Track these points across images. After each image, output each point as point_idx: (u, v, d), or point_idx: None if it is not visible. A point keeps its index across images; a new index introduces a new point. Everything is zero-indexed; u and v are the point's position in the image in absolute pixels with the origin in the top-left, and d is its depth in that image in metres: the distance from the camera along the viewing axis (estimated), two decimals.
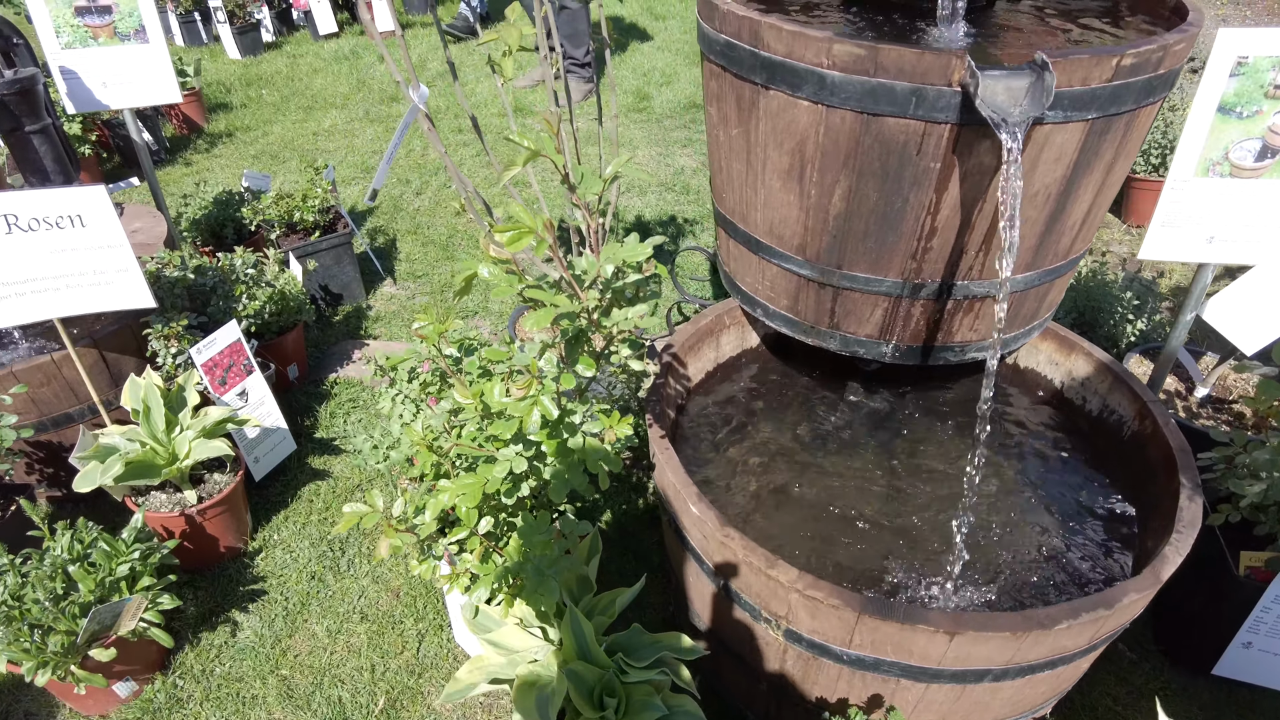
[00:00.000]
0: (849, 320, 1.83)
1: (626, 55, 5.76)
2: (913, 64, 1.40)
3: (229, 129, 4.98)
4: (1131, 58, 1.42)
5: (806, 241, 1.75)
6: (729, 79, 1.70)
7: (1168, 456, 1.67)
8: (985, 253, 1.65)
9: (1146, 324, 2.43)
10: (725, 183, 1.91)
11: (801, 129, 1.59)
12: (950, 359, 1.87)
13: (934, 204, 1.56)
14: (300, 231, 3.06)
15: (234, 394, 2.24)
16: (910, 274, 1.69)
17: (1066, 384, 2.03)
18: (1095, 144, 1.53)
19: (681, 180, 4.17)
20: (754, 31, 1.55)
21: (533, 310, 0.98)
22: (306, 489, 2.41)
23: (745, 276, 2.00)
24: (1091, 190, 1.64)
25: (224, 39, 6.35)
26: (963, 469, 1.92)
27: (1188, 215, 1.64)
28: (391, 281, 3.36)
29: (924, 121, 1.46)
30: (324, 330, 3.07)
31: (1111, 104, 1.47)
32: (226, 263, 2.36)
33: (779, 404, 2.08)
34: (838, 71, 1.47)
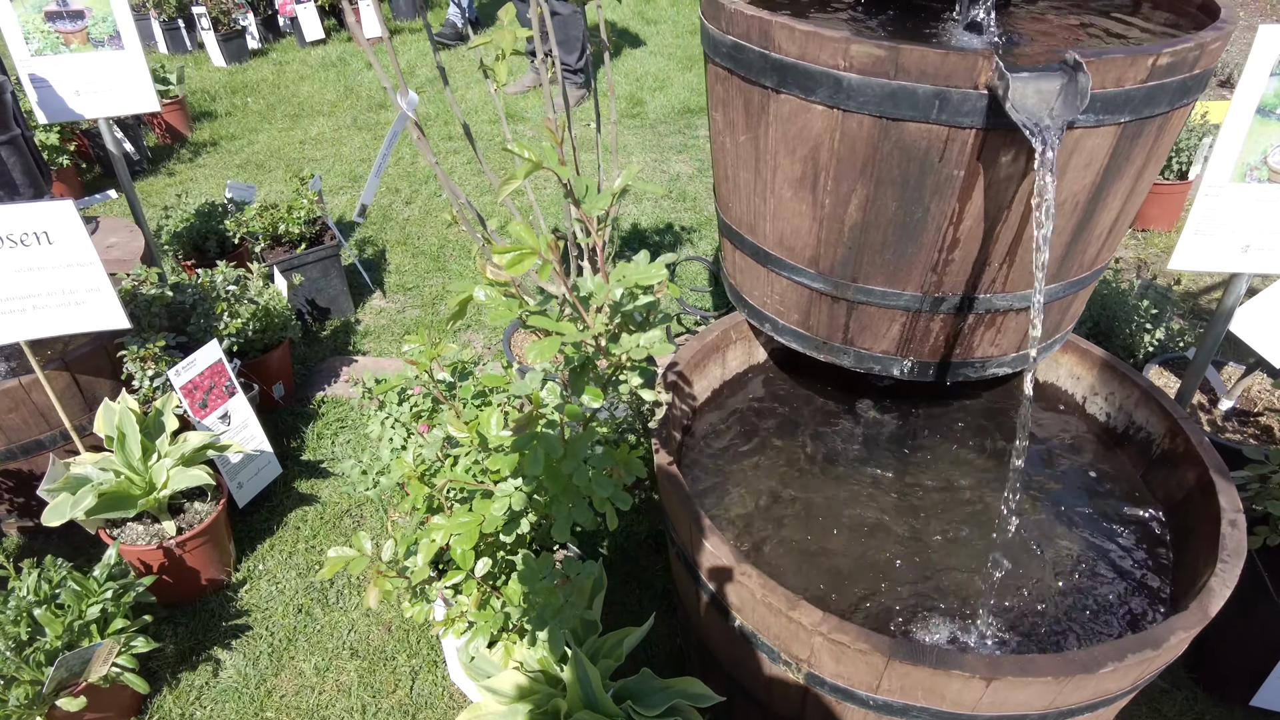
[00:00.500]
0: (864, 336, 1.74)
1: (619, 61, 5.68)
2: (936, 65, 1.31)
3: (213, 138, 4.87)
4: (1168, 57, 1.33)
5: (820, 254, 1.65)
6: (736, 83, 1.60)
7: (1203, 477, 1.58)
8: (1009, 264, 1.56)
9: (1165, 333, 2.34)
10: (731, 192, 1.82)
11: (815, 135, 1.50)
12: (970, 375, 1.78)
13: (957, 214, 1.47)
14: (286, 244, 2.95)
15: (215, 417, 2.13)
16: (930, 287, 1.60)
17: (1089, 399, 1.94)
18: (1127, 149, 1.45)
19: (678, 187, 4.08)
20: (764, 32, 1.46)
21: (536, 340, 0.88)
22: (293, 515, 2.30)
23: (753, 290, 1.90)
24: (1120, 198, 1.55)
25: (209, 46, 6.23)
26: (985, 489, 1.83)
27: (1222, 223, 1.55)
28: (381, 294, 3.26)
29: (947, 126, 1.37)
30: (311, 346, 2.96)
31: (1145, 106, 1.38)
32: (207, 279, 2.25)
33: (789, 423, 1.99)
34: (855, 74, 1.37)
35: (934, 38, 1.64)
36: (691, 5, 6.85)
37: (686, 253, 3.51)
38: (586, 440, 1.10)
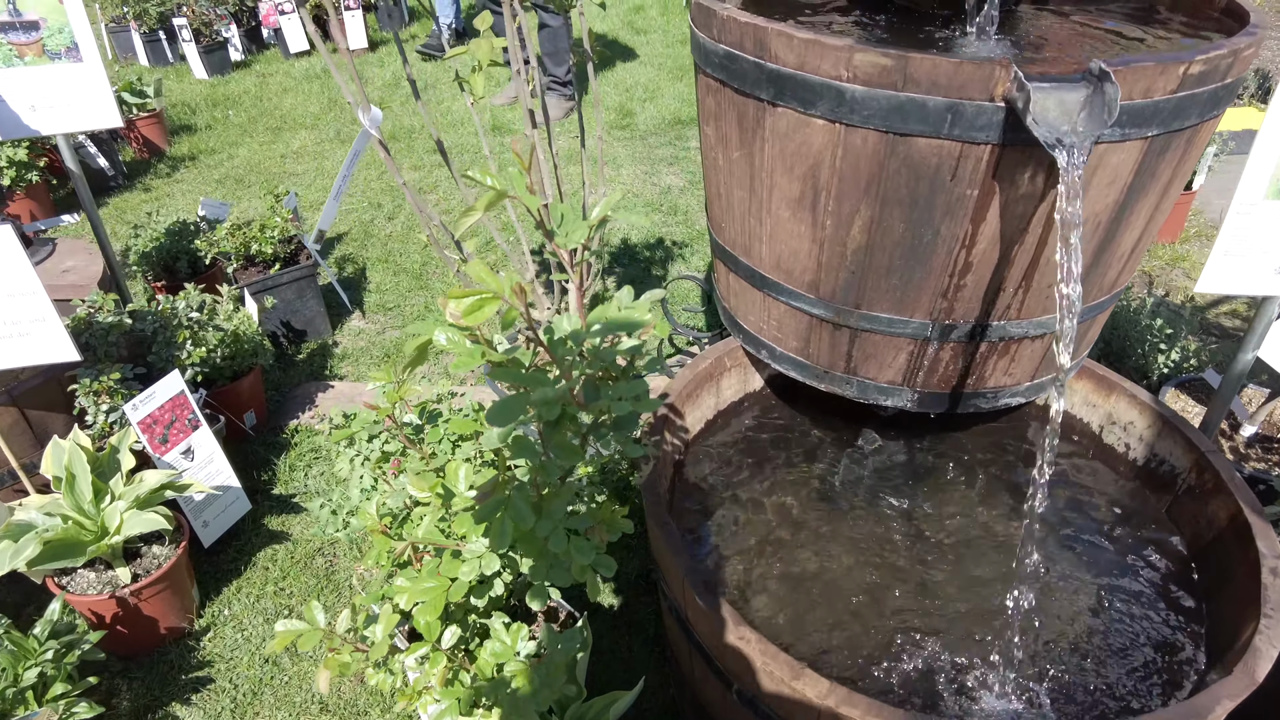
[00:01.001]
0: (868, 365, 1.62)
1: (608, 71, 5.57)
2: (949, 75, 1.19)
3: (192, 152, 4.74)
4: (1200, 65, 1.22)
5: (820, 278, 1.53)
6: (729, 95, 1.49)
7: (1237, 518, 1.47)
8: (1025, 289, 1.44)
9: (1179, 353, 2.23)
10: (724, 211, 1.70)
11: (815, 151, 1.38)
12: (982, 406, 1.66)
13: (969, 236, 1.36)
14: (259, 264, 2.82)
15: (177, 453, 1.99)
16: (940, 314, 1.48)
17: (1106, 428, 1.83)
18: (1153, 164, 1.33)
19: (669, 200, 3.96)
20: (759, 40, 1.34)
21: (504, 397, 0.76)
22: (262, 554, 2.16)
23: (748, 315, 1.78)
24: (1144, 217, 1.44)
25: (190, 58, 6.10)
26: (998, 526, 1.70)
27: (1255, 243, 1.44)
28: (360, 314, 3.13)
29: (961, 142, 1.25)
30: (286, 370, 2.83)
31: (1175, 118, 1.27)
32: (168, 306, 2.12)
33: (788, 456, 1.86)
34: (859, 85, 1.26)
35: (941, 45, 1.53)
36: (682, 15, 6.76)
37: (678, 270, 3.39)
38: (564, 499, 0.98)
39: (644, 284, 3.28)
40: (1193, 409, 2.12)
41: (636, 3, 7.05)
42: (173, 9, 6.22)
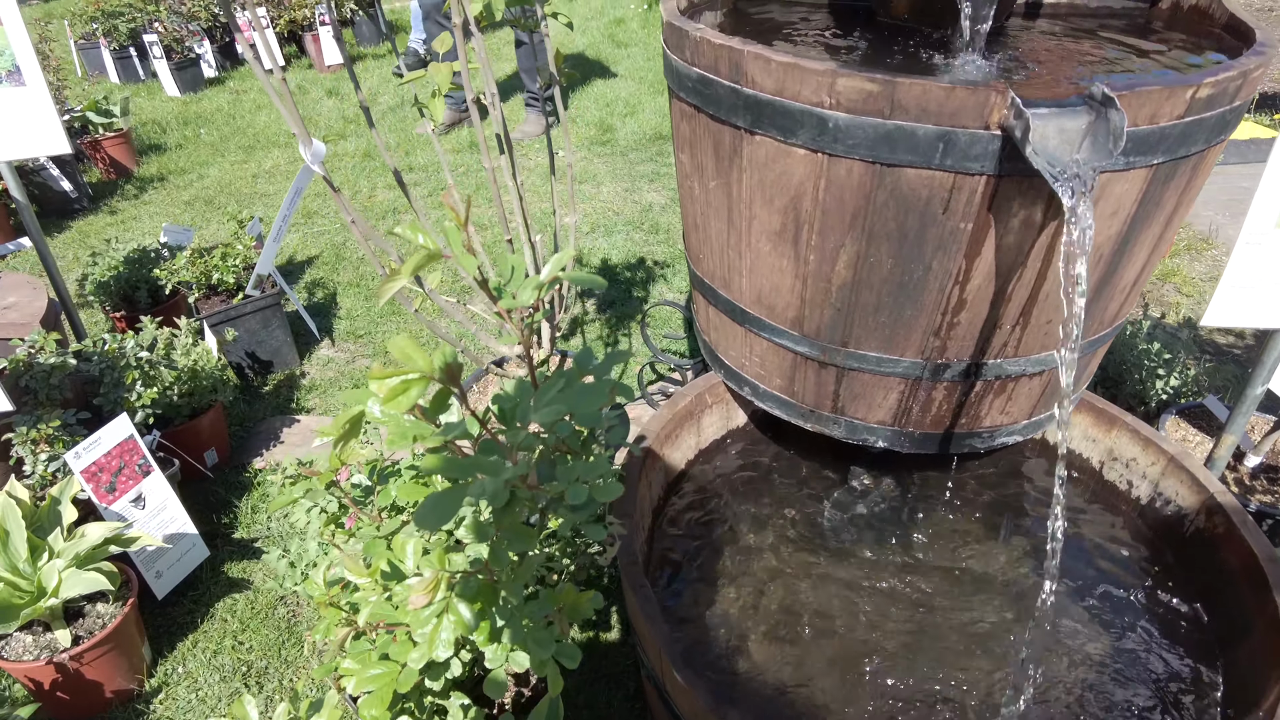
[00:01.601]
0: (856, 405, 1.52)
1: (588, 85, 5.48)
2: (940, 102, 1.10)
3: (161, 172, 4.61)
4: (1209, 88, 1.14)
5: (804, 315, 1.44)
6: (704, 121, 1.39)
7: (1252, 567, 1.37)
8: (1023, 326, 1.35)
9: (1179, 379, 2.15)
10: (701, 242, 1.60)
11: (796, 182, 1.28)
12: (978, 446, 1.57)
13: (963, 271, 1.26)
14: (222, 293, 2.71)
15: (126, 501, 1.87)
16: (932, 353, 1.38)
17: (1107, 464, 1.74)
18: (1157, 193, 1.24)
19: (650, 218, 3.87)
20: (735, 64, 1.25)
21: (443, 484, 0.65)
22: (221, 605, 2.04)
23: (729, 350, 1.68)
24: (1148, 247, 1.35)
25: (161, 75, 5.98)
26: (995, 570, 1.61)
27: (1265, 275, 1.35)
28: (329, 343, 3.01)
29: (953, 173, 1.16)
30: (251, 403, 2.71)
31: (1181, 145, 1.18)
32: (114, 345, 2.00)
33: (773, 497, 1.76)
34: (843, 112, 1.16)
35: (930, 66, 1.44)
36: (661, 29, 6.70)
37: (660, 291, 3.29)
38: (521, 580, 0.87)
39: (624, 306, 3.18)
40: (1195, 438, 2.04)
41: (617, 15, 6.98)
42: (143, 25, 6.10)
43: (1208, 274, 3.41)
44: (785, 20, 1.70)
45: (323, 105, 5.50)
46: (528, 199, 4.06)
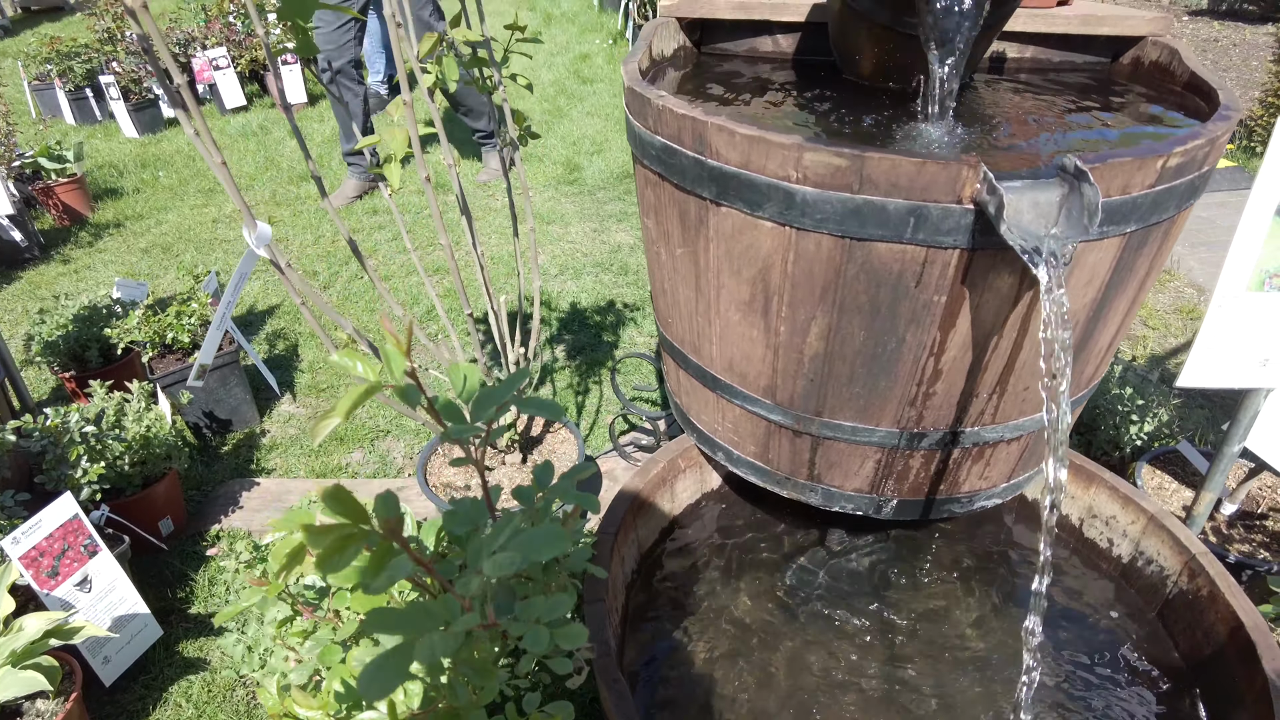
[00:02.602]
0: (833, 473, 1.48)
1: (554, 123, 5.47)
2: (911, 176, 1.07)
3: (118, 218, 4.50)
4: (1179, 157, 1.12)
5: (776, 384, 1.40)
6: (669, 190, 1.35)
7: (1238, 635, 1.34)
8: (1000, 394, 1.32)
9: (1152, 424, 2.14)
10: (670, 307, 1.56)
11: (765, 254, 1.25)
12: (957, 511, 1.53)
13: (938, 343, 1.23)
14: (178, 351, 2.61)
15: (70, 585, 1.77)
16: (908, 423, 1.35)
17: (1087, 521, 1.71)
18: (1131, 260, 1.22)
19: (618, 259, 3.83)
20: (699, 135, 1.21)
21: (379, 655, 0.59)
22: (175, 688, 1.93)
23: (701, 414, 1.64)
24: (1122, 310, 1.33)
25: (119, 116, 5.87)
26: (976, 631, 1.57)
27: (1238, 336, 1.34)
28: (290, 398, 2.92)
29: (925, 247, 1.13)
30: (209, 465, 2.61)
31: (1153, 213, 1.16)
32: (57, 420, 1.90)
33: (751, 562, 1.71)
34: (811, 187, 1.13)
35: (896, 129, 1.41)
36: None
37: (630, 335, 3.25)
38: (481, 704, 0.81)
39: (594, 351, 3.13)
40: (1170, 486, 2.02)
41: (583, 51, 7.00)
42: (100, 66, 6.00)
43: (1171, 305, 3.44)
44: (750, 77, 1.68)
45: (285, 146, 5.43)
46: (491, 240, 4.01)
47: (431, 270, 3.74)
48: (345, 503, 0.57)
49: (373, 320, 3.37)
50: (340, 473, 2.60)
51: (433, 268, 3.77)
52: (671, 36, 1.71)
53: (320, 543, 0.56)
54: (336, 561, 0.56)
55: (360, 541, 0.57)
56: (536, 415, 0.64)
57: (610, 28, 7.61)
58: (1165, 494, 2.01)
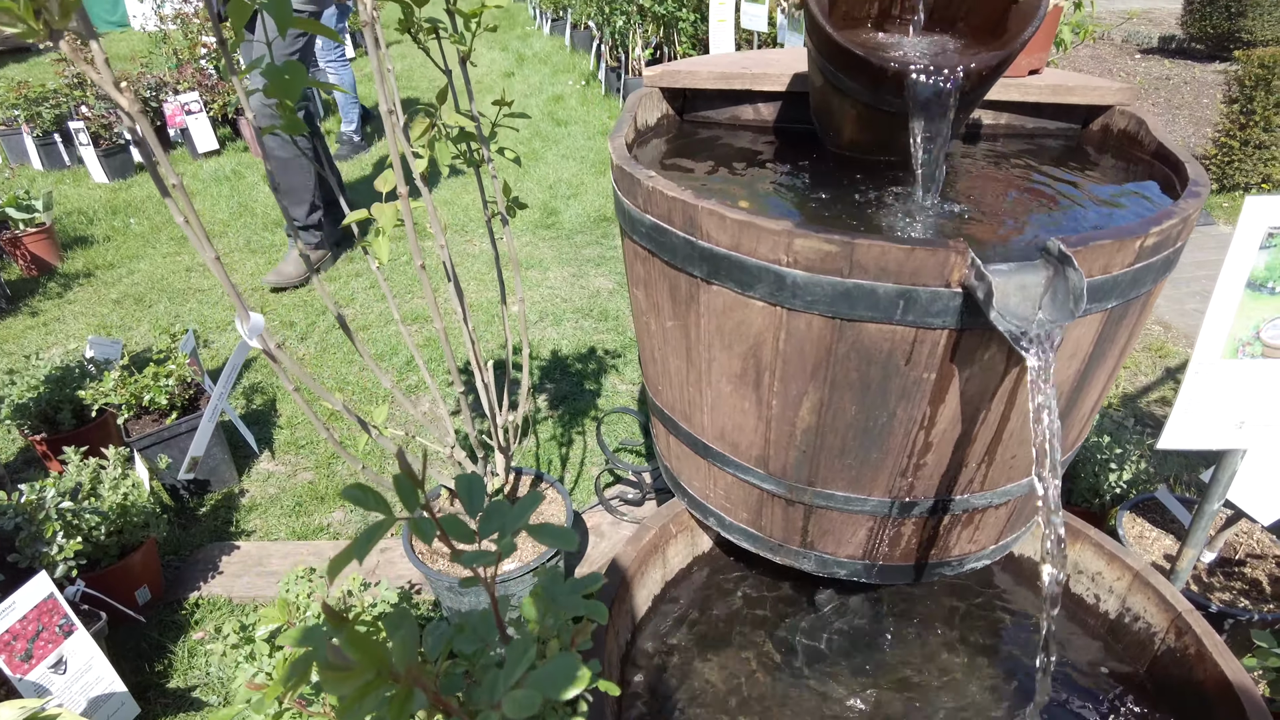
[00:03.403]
0: (825, 540, 1.49)
1: (530, 166, 5.50)
2: (899, 262, 1.09)
3: (88, 267, 4.43)
4: (1155, 236, 1.16)
5: (769, 454, 1.41)
6: (659, 265, 1.37)
7: (1227, 696, 1.36)
8: (989, 463, 1.34)
9: (1130, 472, 2.18)
10: (660, 375, 1.57)
11: (756, 332, 1.26)
12: (947, 574, 1.54)
13: (928, 418, 1.25)
14: (154, 412, 2.57)
15: (44, 668, 1.72)
16: (900, 493, 1.36)
17: (1073, 577, 1.73)
18: (1112, 332, 1.26)
19: (599, 304, 3.85)
20: (689, 217, 1.23)
21: None
22: None
23: (692, 480, 1.64)
24: (1104, 378, 1.36)
25: (88, 162, 5.81)
26: (969, 692, 1.57)
27: (1214, 400, 1.37)
28: (270, 456, 2.88)
29: (915, 328, 1.15)
30: (187, 529, 2.56)
31: (1133, 288, 1.20)
32: (32, 498, 1.86)
33: (743, 625, 1.71)
34: (801, 270, 1.15)
35: (880, 206, 1.44)
36: (600, 105, 6.78)
37: (612, 383, 3.25)
38: None
39: (577, 400, 3.13)
40: (1151, 534, 2.05)
41: (556, 92, 7.07)
42: (69, 111, 5.95)
43: (1140, 344, 3.52)
44: (734, 146, 1.71)
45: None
46: (470, 287, 4.00)
47: (410, 319, 3.72)
48: (366, 650, 0.56)
49: (352, 371, 3.35)
50: (321, 533, 2.56)
51: (410, 316, 3.76)
52: (655, 106, 1.74)
53: (339, 688, 0.56)
54: (358, 710, 0.55)
55: (382, 689, 0.56)
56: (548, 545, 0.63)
57: (582, 69, 7.70)
58: (1146, 542, 2.04)
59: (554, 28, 10.20)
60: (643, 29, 6.44)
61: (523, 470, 2.15)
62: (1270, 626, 1.84)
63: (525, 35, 10.39)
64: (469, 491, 0.76)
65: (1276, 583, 1.93)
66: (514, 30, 10.85)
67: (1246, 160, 4.78)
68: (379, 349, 3.50)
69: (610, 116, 6.52)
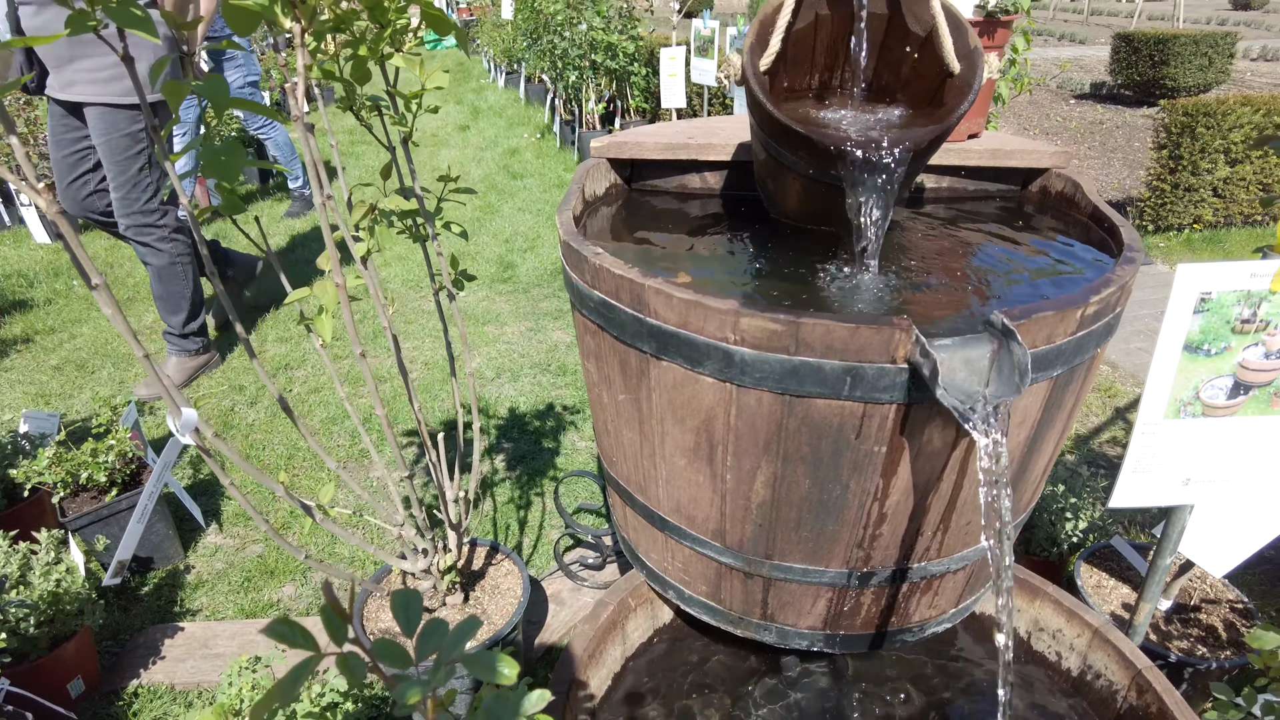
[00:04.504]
0: (786, 612, 1.46)
1: (486, 220, 5.50)
2: (844, 340, 1.09)
3: (27, 332, 4.29)
4: (1095, 305, 1.18)
5: (725, 528, 1.39)
6: (609, 340, 1.35)
7: None
8: (944, 531, 1.34)
9: (1085, 521, 2.20)
10: (614, 447, 1.55)
11: (707, 407, 1.25)
12: (909, 640, 1.53)
13: (881, 489, 1.24)
14: (92, 489, 2.47)
15: None
16: (858, 563, 1.35)
17: (1034, 634, 1.73)
18: (1059, 398, 1.27)
19: (557, 359, 3.83)
20: (636, 295, 1.22)
21: None
22: None
23: (650, 552, 1.61)
24: (1054, 441, 1.37)
25: (29, 221, 5.67)
26: None
27: (1160, 459, 1.39)
28: (217, 528, 2.78)
29: (863, 403, 1.15)
30: (127, 610, 2.44)
31: (1076, 355, 1.21)
32: None
33: (706, 696, 1.67)
34: (749, 348, 1.14)
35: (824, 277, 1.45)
36: (555, 158, 6.84)
37: (571, 440, 3.22)
38: None
39: (534, 460, 3.08)
40: (1109, 584, 2.07)
41: (511, 145, 7.12)
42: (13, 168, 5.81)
43: None
44: (682, 215, 1.72)
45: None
46: (424, 345, 3.95)
47: (362, 382, 3.66)
48: None
49: (294, 433, 3.26)
50: (271, 609, 2.46)
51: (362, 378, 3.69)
52: (604, 176, 1.74)
53: None
54: None
55: None
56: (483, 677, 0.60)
57: (537, 121, 7.78)
58: (1104, 592, 2.05)
59: (508, 80, 10.32)
60: (596, 83, 6.53)
61: (477, 541, 2.10)
62: (1228, 674, 1.85)
63: (480, 88, 10.49)
64: (405, 610, 0.73)
65: (1231, 628, 1.95)
66: (469, 83, 10.95)
67: (1178, 203, 4.96)
68: (331, 412, 3.43)
69: (566, 169, 6.57)
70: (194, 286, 3.58)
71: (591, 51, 6.32)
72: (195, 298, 3.60)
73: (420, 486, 2.90)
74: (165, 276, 3.46)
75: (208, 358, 3.76)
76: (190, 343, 3.66)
